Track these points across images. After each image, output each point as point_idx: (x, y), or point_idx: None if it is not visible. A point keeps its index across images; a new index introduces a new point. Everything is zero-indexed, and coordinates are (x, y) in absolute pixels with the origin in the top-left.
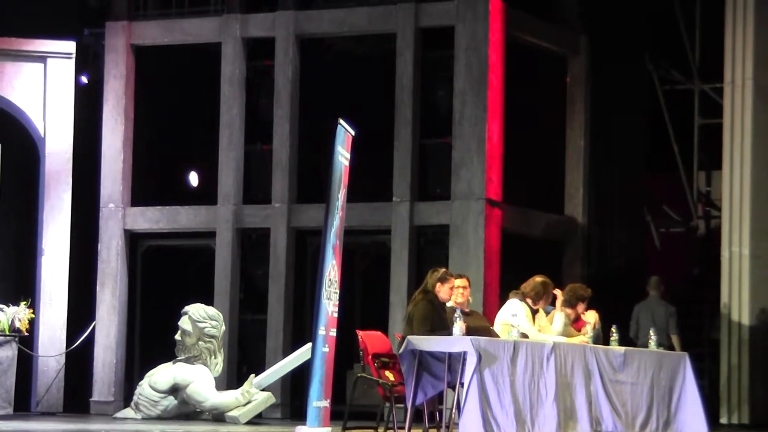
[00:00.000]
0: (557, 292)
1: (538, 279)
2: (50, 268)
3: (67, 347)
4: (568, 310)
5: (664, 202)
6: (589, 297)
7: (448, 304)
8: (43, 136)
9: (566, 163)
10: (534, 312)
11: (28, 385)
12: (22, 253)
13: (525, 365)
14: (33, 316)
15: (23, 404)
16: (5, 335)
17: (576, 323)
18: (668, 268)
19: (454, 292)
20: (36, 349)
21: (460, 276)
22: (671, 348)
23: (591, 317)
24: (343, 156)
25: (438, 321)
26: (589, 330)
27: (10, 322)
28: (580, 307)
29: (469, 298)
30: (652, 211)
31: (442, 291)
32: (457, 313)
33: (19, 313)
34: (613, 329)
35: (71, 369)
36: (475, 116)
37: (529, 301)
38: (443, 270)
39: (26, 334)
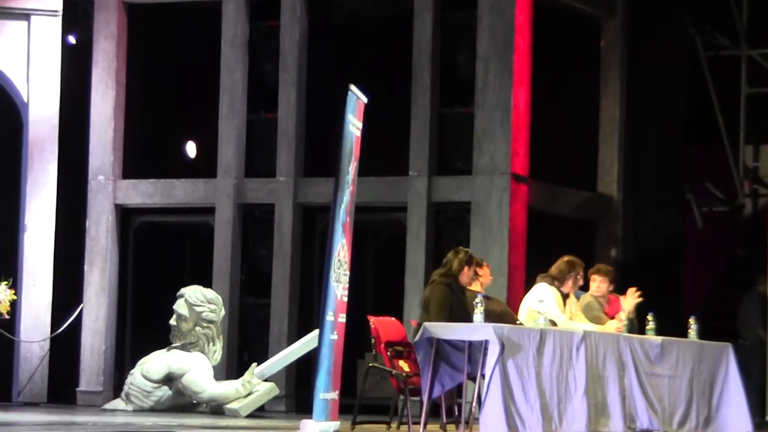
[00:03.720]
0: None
1: (564, 258)
2: (34, 245)
3: (51, 332)
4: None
5: (707, 179)
6: (611, 274)
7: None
8: (26, 101)
9: (599, 136)
10: (564, 297)
11: (9, 372)
12: (3, 229)
13: (552, 355)
14: (14, 297)
15: (4, 394)
16: None
17: (609, 309)
18: (711, 251)
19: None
20: (18, 334)
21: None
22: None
23: (628, 303)
24: (354, 125)
25: (458, 307)
26: (623, 317)
27: None
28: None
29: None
30: (694, 188)
31: (465, 274)
32: (479, 299)
33: (0, 295)
34: (650, 317)
35: (56, 356)
36: (500, 83)
37: (557, 284)
38: (468, 251)
39: (7, 317)
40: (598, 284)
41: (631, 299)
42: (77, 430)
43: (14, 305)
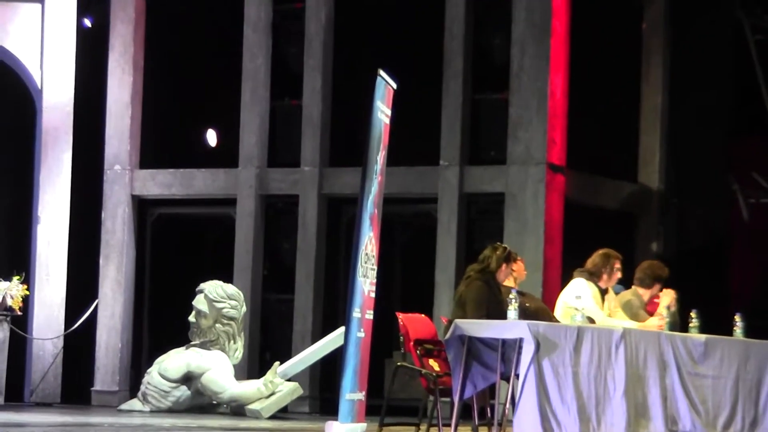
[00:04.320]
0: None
1: (599, 251)
2: (47, 238)
3: (65, 329)
4: (642, 290)
5: (754, 169)
6: (666, 278)
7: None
8: (40, 87)
9: (641, 124)
10: (603, 293)
11: (21, 371)
12: (16, 221)
13: (590, 354)
14: (27, 292)
15: (15, 394)
16: None
17: (651, 306)
18: (758, 244)
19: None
20: (30, 331)
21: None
22: None
23: (666, 299)
24: (383, 113)
25: (495, 306)
26: (664, 313)
27: (0, 300)
28: (656, 288)
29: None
30: (740, 178)
31: (503, 272)
32: (513, 294)
33: (12, 290)
34: (693, 314)
35: (70, 354)
36: (536, 68)
37: (596, 280)
38: (507, 247)
39: (19, 313)
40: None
41: (667, 297)
42: (93, 431)
43: (26, 301)
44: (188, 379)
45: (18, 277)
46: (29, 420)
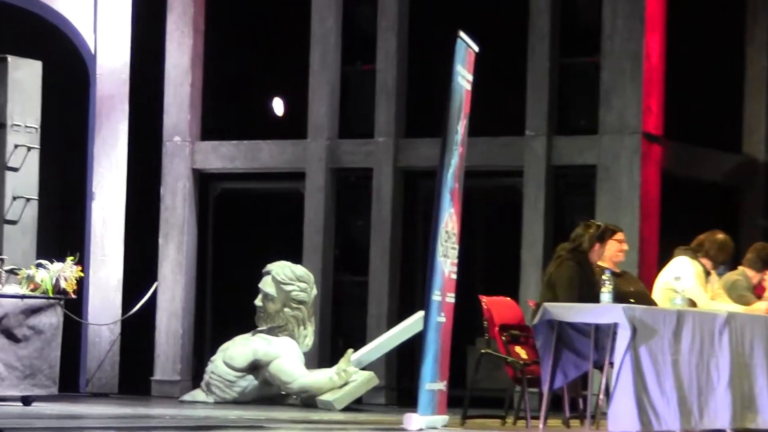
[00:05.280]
0: None
1: (720, 236)
2: (102, 215)
3: (122, 314)
4: (751, 273)
5: None
6: None
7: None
8: (93, 52)
9: (745, 90)
10: (707, 274)
11: (76, 359)
12: (68, 197)
13: (692, 341)
14: (82, 274)
15: (71, 383)
16: (48, 298)
17: (757, 289)
18: None
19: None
20: (85, 316)
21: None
22: None
23: None
24: (463, 78)
25: (587, 288)
26: None
27: (53, 283)
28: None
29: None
30: None
31: (596, 252)
32: (607, 275)
33: (65, 271)
34: None
35: (128, 340)
36: (630, 29)
37: (704, 261)
38: (601, 225)
39: (74, 296)
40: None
41: None
42: (152, 423)
43: (81, 284)
44: (255, 367)
45: (71, 258)
46: (85, 411)
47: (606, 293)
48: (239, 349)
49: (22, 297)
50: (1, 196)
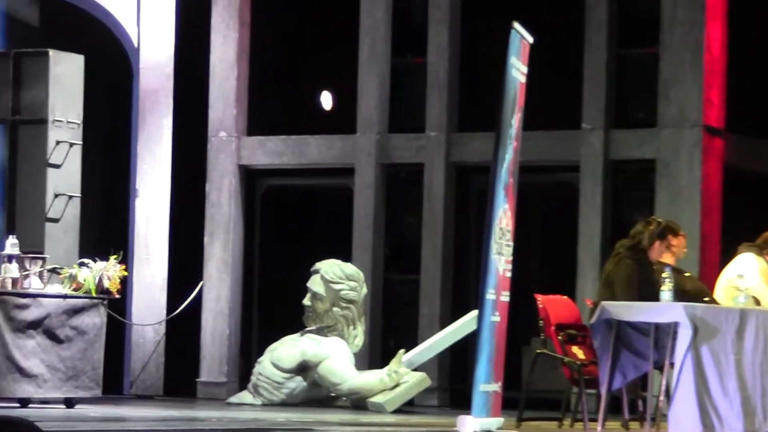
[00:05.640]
0: None
1: None
2: (146, 213)
3: (167, 314)
4: None
5: None
6: None
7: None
8: (136, 46)
9: None
10: None
11: (119, 361)
12: (111, 194)
13: (755, 340)
14: (125, 274)
15: (114, 385)
16: (91, 298)
17: None
18: None
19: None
20: (129, 316)
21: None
22: None
23: None
24: (518, 70)
25: (646, 286)
26: None
27: (96, 282)
28: None
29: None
30: None
31: (656, 249)
32: (667, 273)
33: (109, 270)
34: None
35: (173, 341)
36: (690, 18)
37: (766, 255)
38: (662, 222)
39: (117, 296)
40: None
41: None
42: (198, 426)
43: (125, 283)
44: (303, 369)
45: (115, 257)
46: (129, 414)
47: (666, 291)
48: (287, 349)
49: (65, 297)
50: (42, 193)
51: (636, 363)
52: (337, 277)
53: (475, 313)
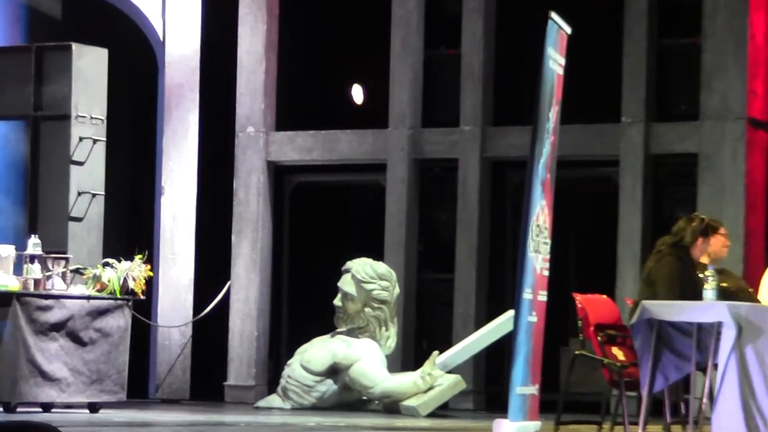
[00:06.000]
0: None
1: None
2: (172, 211)
3: (194, 315)
4: None
5: None
6: None
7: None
8: (162, 39)
9: None
10: None
11: (145, 364)
12: (136, 192)
13: None
14: (151, 274)
15: (139, 389)
16: (115, 299)
17: None
18: None
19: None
20: (155, 318)
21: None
22: None
23: None
24: (555, 62)
25: (689, 285)
26: None
27: (121, 282)
28: None
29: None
30: None
31: (698, 247)
32: (710, 271)
33: (133, 271)
34: None
35: (200, 343)
36: (733, 7)
37: None
38: (705, 218)
39: (142, 297)
40: None
41: None
42: (226, 431)
43: (150, 284)
44: (334, 371)
45: (140, 257)
46: (155, 419)
47: (709, 290)
48: (317, 351)
49: (88, 298)
50: (65, 191)
51: (678, 364)
52: (369, 277)
53: (511, 313)
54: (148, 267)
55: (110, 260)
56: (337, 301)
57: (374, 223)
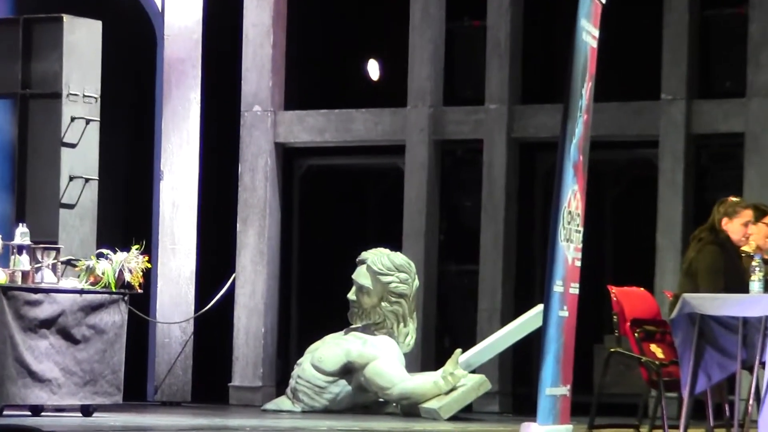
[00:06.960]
0: None
1: None
2: (172, 198)
3: (196, 310)
4: None
5: None
6: None
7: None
8: (160, 9)
9: None
10: None
11: (143, 363)
12: (133, 177)
13: None
14: (149, 265)
15: (137, 390)
16: (111, 293)
17: None
18: None
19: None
20: (153, 313)
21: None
22: None
23: None
24: (588, 34)
25: (734, 275)
26: None
27: (117, 275)
28: None
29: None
30: None
31: (732, 230)
32: (757, 261)
33: (130, 262)
34: None
35: (202, 341)
36: None
37: None
38: (731, 199)
39: (140, 291)
40: None
41: None
42: None
43: (148, 276)
44: (348, 371)
45: (137, 247)
46: (154, 423)
47: (756, 281)
48: (330, 350)
49: (81, 292)
50: (56, 175)
51: (722, 362)
52: (386, 269)
53: (540, 307)
54: (146, 258)
55: (105, 251)
56: (352, 295)
57: (392, 210)
